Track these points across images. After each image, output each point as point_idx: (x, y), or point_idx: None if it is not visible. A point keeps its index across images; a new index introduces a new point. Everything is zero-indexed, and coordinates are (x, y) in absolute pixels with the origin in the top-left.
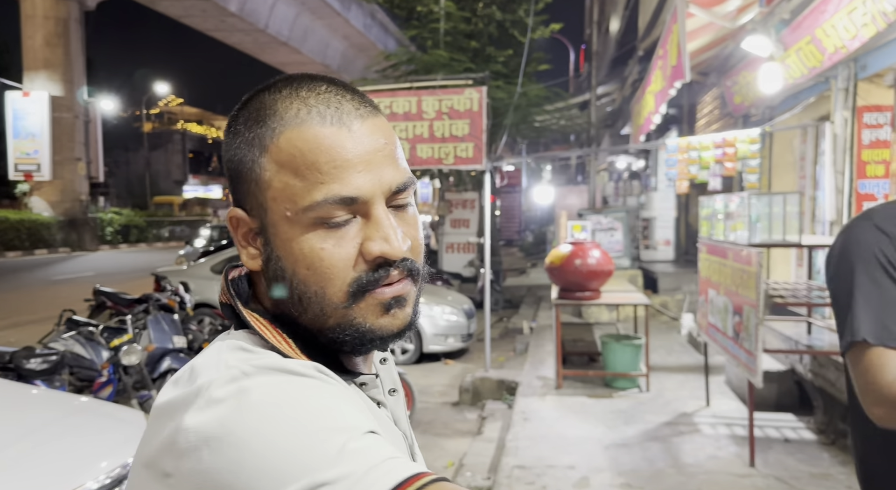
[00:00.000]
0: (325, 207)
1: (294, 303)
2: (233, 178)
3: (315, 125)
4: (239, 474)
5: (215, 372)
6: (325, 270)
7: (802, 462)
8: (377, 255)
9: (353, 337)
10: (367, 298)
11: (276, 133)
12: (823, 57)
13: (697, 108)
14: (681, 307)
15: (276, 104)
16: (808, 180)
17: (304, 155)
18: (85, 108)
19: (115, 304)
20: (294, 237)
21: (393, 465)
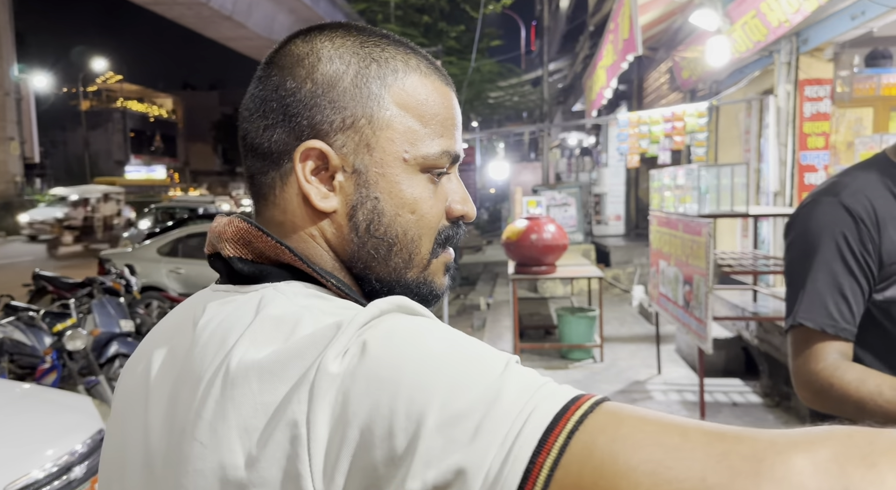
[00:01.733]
0: (442, 158)
1: (382, 248)
2: (307, 111)
3: (438, 81)
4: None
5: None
6: (430, 218)
7: (750, 424)
8: (461, 214)
9: (423, 292)
10: (440, 256)
11: (401, 76)
12: (768, 31)
13: (646, 84)
14: (632, 279)
15: (389, 50)
16: (753, 153)
17: (431, 105)
18: (16, 84)
19: (57, 288)
20: (404, 181)
21: (554, 388)
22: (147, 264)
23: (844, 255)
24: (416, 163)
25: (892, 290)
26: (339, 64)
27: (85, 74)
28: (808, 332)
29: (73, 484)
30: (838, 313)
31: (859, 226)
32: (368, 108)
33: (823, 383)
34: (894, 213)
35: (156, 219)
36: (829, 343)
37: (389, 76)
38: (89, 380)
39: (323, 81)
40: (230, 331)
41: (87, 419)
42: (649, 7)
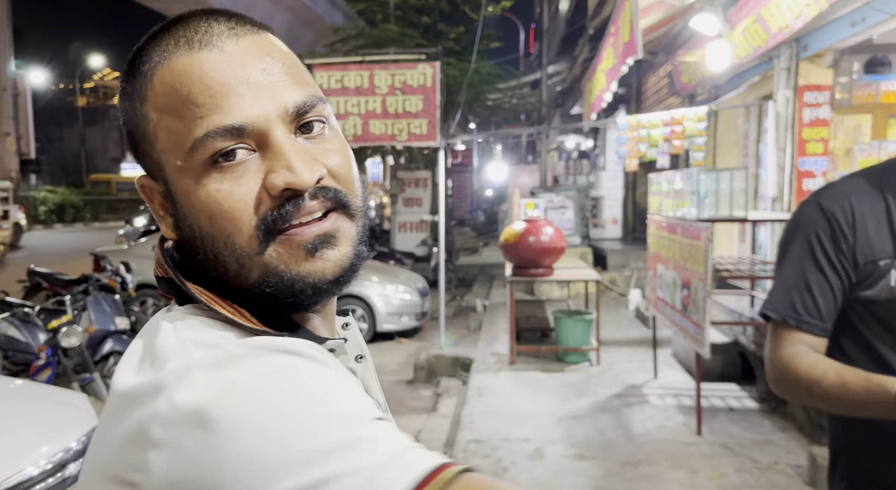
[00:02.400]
0: (210, 143)
1: (213, 263)
2: (131, 145)
3: (182, 55)
4: (225, 466)
5: (190, 352)
6: (226, 214)
7: (746, 429)
8: (283, 188)
9: (281, 288)
10: (283, 241)
11: (149, 77)
12: (768, 36)
13: (645, 87)
14: (629, 283)
15: (148, 47)
16: (752, 158)
17: (177, 90)
18: (13, 80)
19: (52, 285)
20: (190, 188)
21: (413, 456)
22: (143, 262)
23: (815, 253)
24: (190, 163)
25: (873, 290)
26: (123, 93)
27: (82, 71)
28: (774, 324)
29: (67, 481)
30: (802, 306)
31: (833, 225)
32: (140, 128)
33: (781, 369)
34: (878, 215)
35: (151, 217)
36: (793, 333)
37: (145, 85)
38: (84, 377)
39: (122, 116)
40: (129, 350)
41: (82, 416)
42: (650, 11)
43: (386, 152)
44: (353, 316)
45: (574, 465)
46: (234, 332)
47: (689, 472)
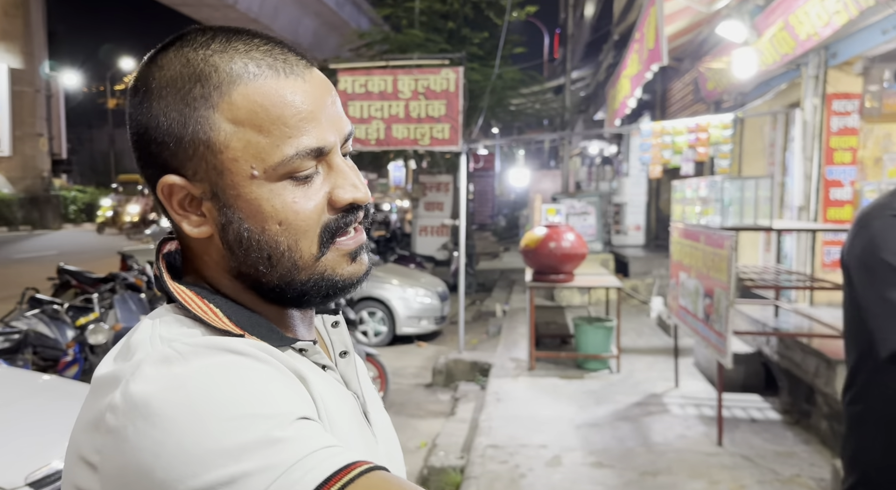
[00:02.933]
0: (297, 161)
1: (262, 261)
2: (156, 146)
3: (271, 79)
4: (159, 456)
5: (150, 348)
6: (301, 223)
7: (768, 441)
8: (349, 202)
9: (324, 287)
10: (334, 249)
11: (225, 90)
12: (796, 44)
13: (670, 94)
14: (651, 291)
15: (213, 59)
16: (778, 166)
17: (268, 110)
18: (46, 82)
19: (80, 282)
20: (262, 196)
21: (323, 456)
22: None
23: None
24: (267, 175)
25: None
26: (166, 95)
27: (113, 73)
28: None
29: None
30: None
31: None
32: (202, 134)
33: None
34: None
35: None
36: None
37: (214, 94)
38: None
39: (158, 116)
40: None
41: None
42: (675, 17)
43: (409, 156)
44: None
45: (592, 473)
46: (200, 329)
47: (709, 482)
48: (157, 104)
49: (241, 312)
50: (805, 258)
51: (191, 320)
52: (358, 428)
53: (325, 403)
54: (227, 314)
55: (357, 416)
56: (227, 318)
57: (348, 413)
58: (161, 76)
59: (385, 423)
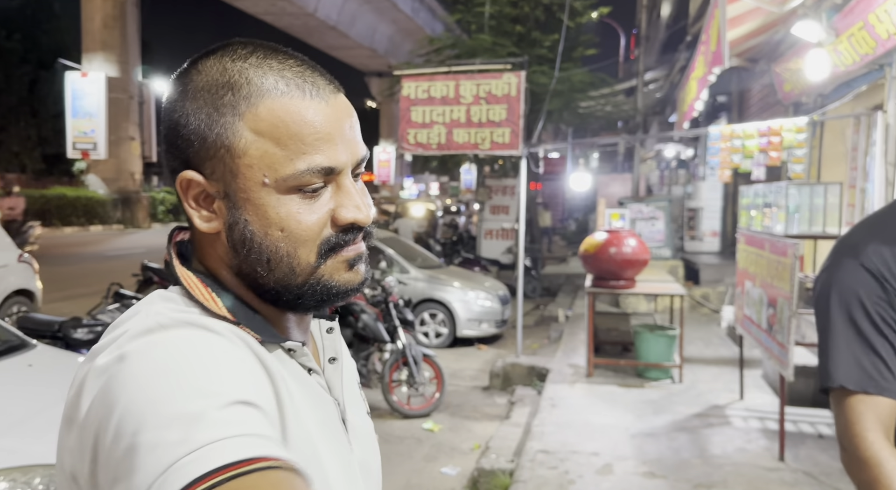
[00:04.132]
0: (307, 176)
1: (261, 263)
2: (182, 142)
3: (296, 98)
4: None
5: (136, 321)
6: (302, 233)
7: (835, 458)
8: (350, 222)
9: (320, 292)
10: (332, 257)
11: (253, 102)
12: (876, 43)
13: (748, 96)
14: (722, 300)
15: (248, 72)
16: (860, 172)
17: (288, 126)
18: (140, 89)
19: (162, 279)
20: (270, 203)
21: (238, 443)
22: None
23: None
24: (277, 185)
25: None
26: (200, 98)
27: None
28: (848, 395)
29: None
30: (877, 372)
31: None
32: (225, 138)
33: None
34: None
35: None
36: (872, 403)
37: (242, 104)
38: None
39: (189, 115)
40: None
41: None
42: (746, 18)
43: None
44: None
45: (643, 482)
46: (197, 310)
47: None
48: (190, 104)
49: (240, 306)
50: None
51: (188, 302)
52: (331, 432)
53: (295, 403)
54: (227, 305)
55: (333, 422)
56: (226, 309)
57: (323, 417)
58: (199, 79)
59: (366, 431)
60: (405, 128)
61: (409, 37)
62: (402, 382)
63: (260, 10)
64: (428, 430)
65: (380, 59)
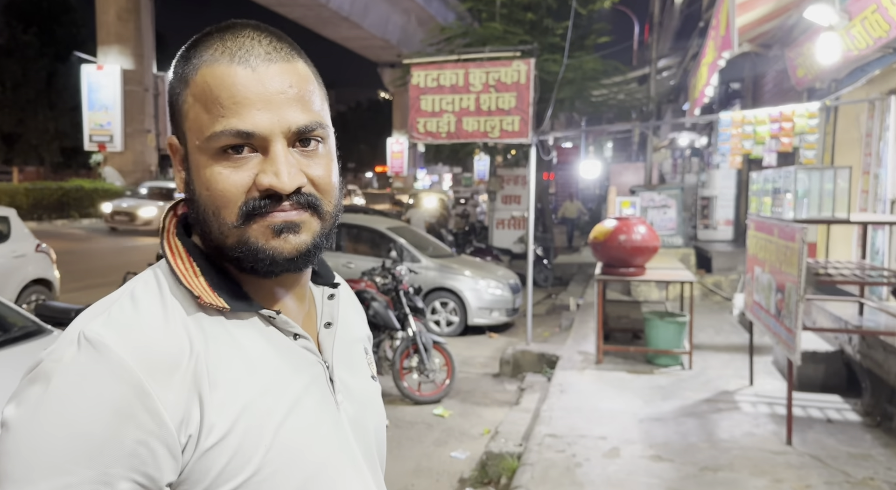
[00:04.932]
0: (223, 138)
1: (200, 221)
2: (169, 108)
3: (223, 64)
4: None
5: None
6: (221, 192)
7: (843, 442)
8: (266, 187)
9: (247, 254)
10: (258, 221)
11: (194, 69)
12: (889, 26)
13: (762, 82)
14: (735, 288)
15: (200, 44)
16: (874, 157)
17: (212, 90)
18: (155, 81)
19: None
20: (201, 164)
21: None
22: None
23: None
24: (203, 146)
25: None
26: (174, 69)
27: None
28: None
29: None
30: None
31: None
32: (179, 105)
33: None
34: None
35: None
36: None
37: (190, 73)
38: None
39: (170, 87)
40: None
41: None
42: (757, 3)
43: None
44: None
45: (650, 465)
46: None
47: (773, 480)
48: (172, 78)
49: (218, 275)
50: None
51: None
52: (313, 393)
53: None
54: (205, 274)
55: (317, 383)
56: (203, 277)
57: (307, 379)
58: (178, 56)
59: (363, 392)
60: (415, 116)
61: (422, 26)
62: (413, 369)
63: (272, 2)
64: (438, 415)
65: (392, 50)
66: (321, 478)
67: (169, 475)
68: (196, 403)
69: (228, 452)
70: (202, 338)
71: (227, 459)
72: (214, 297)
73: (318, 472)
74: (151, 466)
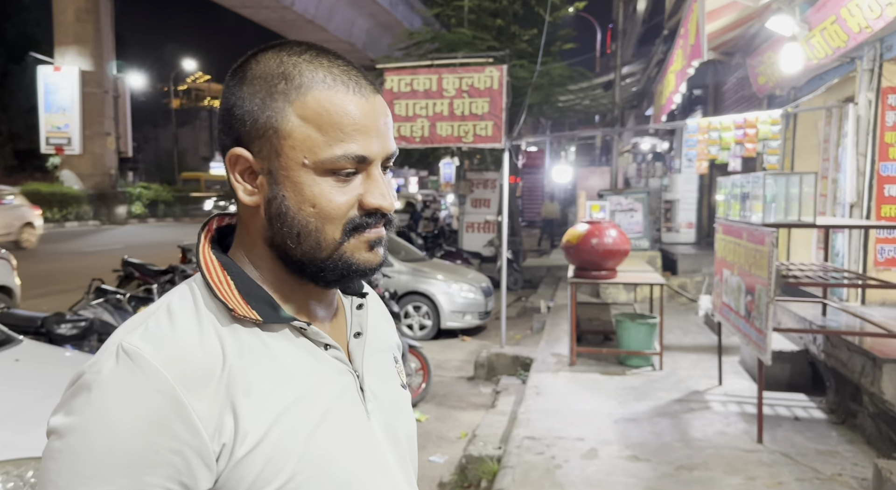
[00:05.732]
0: (342, 161)
1: (292, 236)
2: (236, 122)
3: (341, 92)
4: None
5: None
6: (330, 211)
7: (811, 439)
8: (375, 207)
9: (339, 266)
10: (355, 237)
11: (303, 91)
12: (848, 37)
13: (723, 89)
14: (700, 289)
15: (301, 66)
16: (832, 162)
17: (331, 115)
18: (114, 83)
19: (143, 274)
20: (306, 182)
21: None
22: None
23: None
24: (315, 166)
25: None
26: (256, 84)
27: (176, 74)
28: None
29: None
30: None
31: None
32: (274, 121)
33: None
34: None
35: None
36: None
37: (293, 92)
38: None
39: (245, 98)
40: None
41: None
42: (723, 12)
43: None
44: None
45: (627, 465)
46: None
47: (746, 478)
48: (247, 88)
49: (253, 288)
50: (857, 256)
51: (202, 291)
52: (343, 403)
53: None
54: (239, 287)
55: (349, 392)
56: (237, 291)
57: (339, 387)
58: (257, 68)
59: (393, 401)
60: None
61: (387, 31)
62: None
63: (236, 4)
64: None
65: (359, 54)
66: (353, 486)
67: (204, 484)
68: (230, 412)
69: (262, 460)
70: (236, 348)
71: (260, 467)
72: (248, 309)
73: (350, 481)
74: (186, 475)
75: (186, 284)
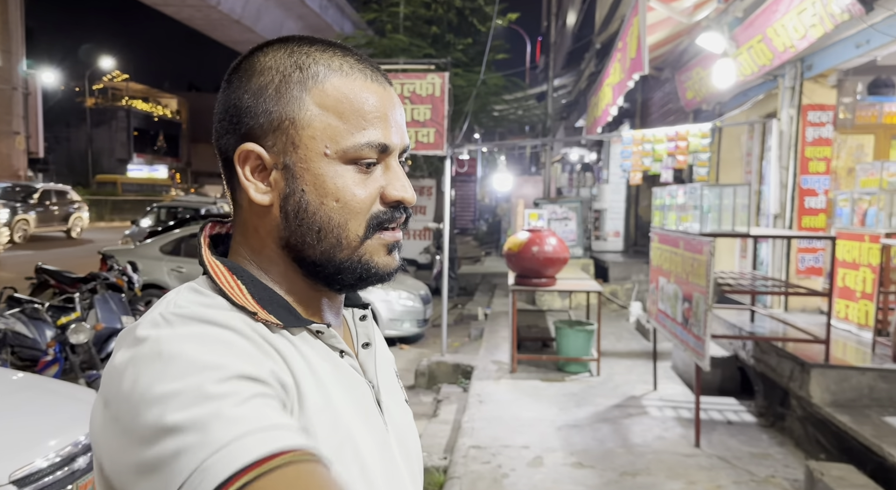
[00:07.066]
0: (366, 150)
1: (311, 233)
2: (245, 116)
3: (359, 79)
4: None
5: (151, 313)
6: (356, 204)
7: (744, 443)
8: (398, 199)
9: (357, 269)
10: (375, 238)
11: (321, 79)
12: (773, 55)
13: (650, 102)
14: (630, 296)
15: (314, 55)
16: (754, 175)
17: (352, 102)
18: (24, 79)
19: (59, 282)
20: (328, 173)
21: (258, 439)
22: (149, 262)
23: None
24: (338, 156)
25: None
26: (267, 74)
27: (91, 72)
28: None
29: (76, 474)
30: None
31: None
32: (290, 111)
33: None
34: None
35: (157, 217)
36: None
37: (310, 80)
38: (90, 373)
39: (255, 91)
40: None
41: (90, 410)
42: (656, 28)
43: None
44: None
45: (573, 473)
46: (218, 300)
47: (687, 483)
48: (256, 80)
49: (265, 291)
50: (780, 265)
51: (212, 292)
52: (365, 413)
53: (320, 379)
54: (251, 292)
55: (367, 403)
56: (250, 295)
57: (358, 397)
58: (266, 60)
59: (403, 416)
60: None
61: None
62: None
63: (158, 2)
64: None
65: None
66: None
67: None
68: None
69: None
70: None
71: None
72: (266, 313)
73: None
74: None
75: (187, 288)
